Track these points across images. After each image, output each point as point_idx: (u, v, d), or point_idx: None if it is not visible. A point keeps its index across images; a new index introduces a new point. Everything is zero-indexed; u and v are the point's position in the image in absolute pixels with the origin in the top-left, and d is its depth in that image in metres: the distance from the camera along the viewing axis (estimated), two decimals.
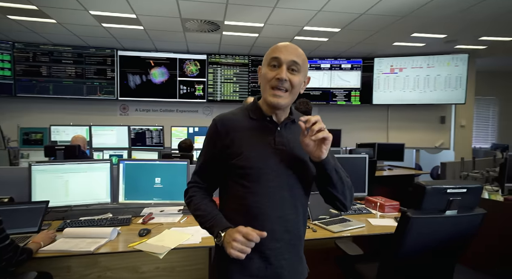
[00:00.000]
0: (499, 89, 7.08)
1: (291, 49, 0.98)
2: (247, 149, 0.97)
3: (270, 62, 0.98)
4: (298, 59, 0.96)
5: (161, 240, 1.63)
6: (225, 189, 1.04)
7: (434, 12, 3.56)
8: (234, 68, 5.54)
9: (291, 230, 0.99)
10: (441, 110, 5.76)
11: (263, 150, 0.98)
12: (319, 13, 3.58)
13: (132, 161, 2.08)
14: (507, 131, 7.25)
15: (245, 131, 1.00)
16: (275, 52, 0.97)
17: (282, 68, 0.95)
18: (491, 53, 5.40)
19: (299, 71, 0.97)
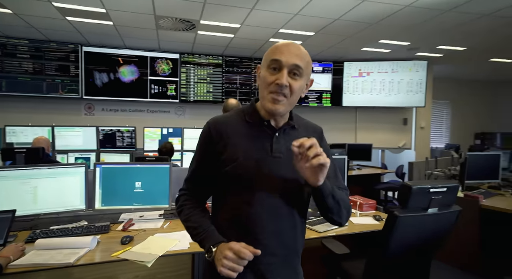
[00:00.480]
0: (452, 94, 7.72)
1: (294, 50, 0.88)
2: (242, 156, 0.90)
3: (270, 64, 0.89)
4: (301, 63, 0.88)
5: (146, 247, 1.56)
6: (218, 198, 0.98)
7: (400, 22, 3.80)
8: (208, 68, 5.45)
9: (287, 244, 0.93)
10: (403, 113, 6.15)
11: (259, 157, 0.91)
12: (296, 17, 3.65)
13: (110, 165, 1.96)
14: (458, 132, 7.94)
15: (240, 136, 0.93)
16: (276, 54, 0.88)
17: (283, 72, 0.86)
18: (447, 61, 5.87)
19: (301, 75, 0.89)
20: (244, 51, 5.31)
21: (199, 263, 1.89)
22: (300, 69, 0.88)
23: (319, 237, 1.78)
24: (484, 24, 3.87)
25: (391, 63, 5.69)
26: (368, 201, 2.36)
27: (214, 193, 1.00)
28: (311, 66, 0.94)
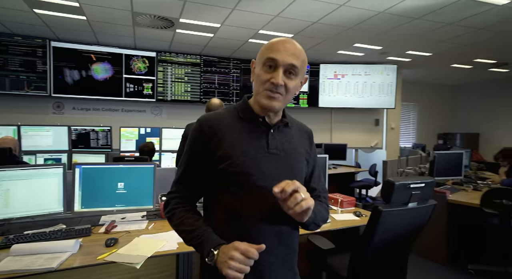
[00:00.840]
0: (418, 96, 8.19)
1: (290, 49, 0.86)
2: (237, 153, 0.87)
3: (266, 62, 0.86)
4: (297, 62, 0.86)
5: (134, 249, 1.52)
6: (212, 198, 0.93)
7: (374, 27, 3.99)
8: (186, 67, 5.38)
9: (286, 242, 0.91)
10: (375, 114, 6.44)
11: (255, 154, 0.88)
12: (276, 18, 3.71)
13: (91, 165, 1.89)
14: (423, 133, 8.44)
15: (234, 133, 0.90)
16: (272, 52, 0.86)
17: (278, 72, 0.84)
18: (414, 66, 6.23)
19: (297, 74, 0.88)
20: (223, 51, 5.29)
21: (183, 264, 1.87)
22: (296, 69, 0.87)
23: (305, 233, 1.83)
24: (448, 32, 4.16)
25: (364, 66, 5.95)
26: (348, 198, 2.46)
27: (207, 193, 0.96)
28: (306, 64, 0.93)
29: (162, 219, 2.03)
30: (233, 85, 5.66)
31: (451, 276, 2.79)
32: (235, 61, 5.65)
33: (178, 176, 0.97)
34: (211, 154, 0.89)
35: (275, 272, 0.89)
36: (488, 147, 7.83)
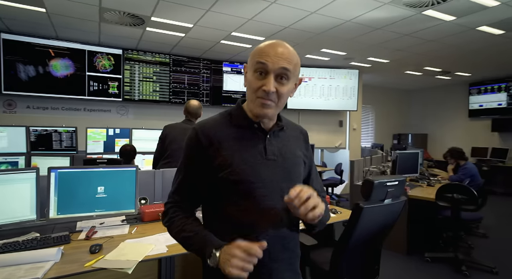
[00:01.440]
0: (375, 99, 8.80)
1: (280, 52, 0.83)
2: (237, 161, 0.86)
3: (256, 67, 0.84)
4: (289, 65, 0.83)
5: (121, 254, 1.49)
6: (212, 207, 0.92)
7: (340, 34, 4.24)
8: (154, 66, 5.22)
9: (289, 247, 0.92)
10: (339, 116, 6.81)
11: (254, 161, 0.87)
12: (250, 21, 3.78)
13: (68, 169, 1.79)
14: (380, 134, 9.09)
15: (231, 140, 0.88)
16: (262, 56, 0.83)
17: (270, 78, 0.82)
18: (373, 71, 6.70)
19: (289, 78, 0.85)
20: (193, 51, 5.23)
21: (166, 268, 1.86)
22: (288, 72, 0.84)
23: None
24: (404, 42, 4.56)
25: (330, 70, 6.26)
26: None
27: (206, 203, 0.94)
28: (299, 66, 0.90)
29: (143, 222, 2.00)
30: (203, 85, 5.62)
31: (411, 265, 3.08)
32: (205, 62, 5.61)
33: (175, 186, 0.95)
34: (209, 162, 0.88)
35: (281, 276, 0.90)
36: (435, 146, 8.67)
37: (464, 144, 7.00)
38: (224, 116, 0.94)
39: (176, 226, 0.90)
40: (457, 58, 5.50)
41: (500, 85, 7.25)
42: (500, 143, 7.42)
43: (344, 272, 1.68)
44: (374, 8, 3.33)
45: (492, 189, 6.41)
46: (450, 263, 3.04)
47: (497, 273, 2.86)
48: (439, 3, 3.19)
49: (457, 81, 7.88)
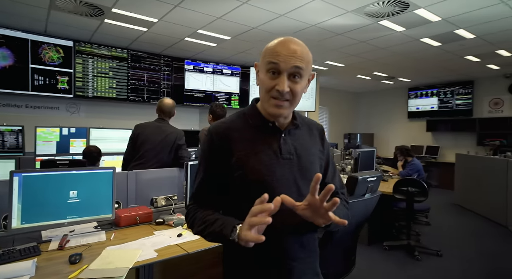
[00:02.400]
0: (330, 101, 9.34)
1: (293, 50, 0.83)
2: (251, 160, 0.86)
3: (268, 67, 0.84)
4: (302, 63, 0.83)
5: (108, 262, 1.38)
6: (231, 206, 0.91)
7: (304, 37, 4.40)
8: (110, 61, 4.87)
9: (306, 246, 0.91)
10: None
11: (269, 160, 0.87)
12: (218, 20, 3.75)
13: (35, 172, 1.60)
14: (334, 133, 9.66)
15: (246, 140, 0.89)
16: (274, 56, 0.83)
17: (283, 78, 0.82)
18: (329, 74, 7.10)
19: (302, 76, 0.84)
20: (153, 47, 5.00)
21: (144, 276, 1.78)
22: (301, 71, 0.83)
23: None
24: (359, 48, 4.93)
25: None
26: None
27: (226, 203, 0.92)
28: (311, 62, 0.89)
29: (120, 228, 1.87)
30: (164, 83, 5.40)
31: (372, 253, 3.35)
32: (166, 59, 5.40)
33: (195, 188, 0.95)
34: (225, 163, 0.88)
35: (298, 275, 0.89)
36: (381, 145, 9.49)
37: (405, 142, 7.76)
38: (239, 116, 0.95)
39: (199, 218, 0.89)
40: (401, 65, 6.10)
41: (432, 90, 8.21)
42: (433, 141, 8.41)
43: (329, 264, 1.78)
44: (338, 15, 3.55)
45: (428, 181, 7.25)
46: (404, 249, 3.38)
47: (441, 255, 3.27)
48: (393, 15, 3.52)
49: (399, 86, 8.74)
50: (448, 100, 7.85)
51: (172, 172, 2.49)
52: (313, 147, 0.99)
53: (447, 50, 4.99)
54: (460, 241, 3.77)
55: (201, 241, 1.72)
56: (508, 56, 5.37)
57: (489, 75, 6.99)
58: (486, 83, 7.25)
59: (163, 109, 2.64)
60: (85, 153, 2.79)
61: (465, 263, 3.13)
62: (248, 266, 0.90)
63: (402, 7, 3.32)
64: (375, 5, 3.28)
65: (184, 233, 1.80)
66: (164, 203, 2.26)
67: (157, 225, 1.95)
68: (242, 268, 0.92)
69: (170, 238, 1.73)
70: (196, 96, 5.72)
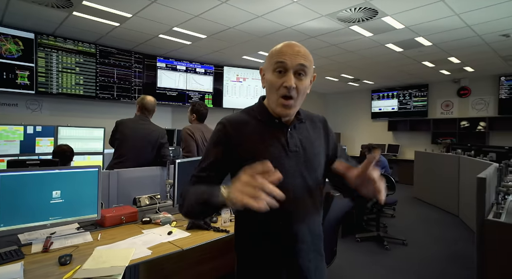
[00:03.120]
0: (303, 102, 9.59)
1: (297, 50, 0.91)
2: (259, 153, 0.91)
3: (275, 67, 0.90)
4: (306, 62, 0.90)
5: (101, 261, 1.35)
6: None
7: (279, 39, 4.53)
8: (77, 56, 4.60)
9: (314, 231, 0.99)
10: None
11: (278, 153, 0.93)
12: (195, 18, 3.72)
13: (14, 172, 1.50)
14: None
15: (255, 134, 0.94)
16: (280, 56, 0.90)
17: (289, 75, 0.88)
18: None
19: (306, 74, 0.92)
20: (124, 43, 4.82)
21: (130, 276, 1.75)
22: (306, 68, 0.90)
23: None
24: (330, 51, 5.16)
25: None
26: None
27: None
28: (313, 63, 0.96)
29: (105, 228, 1.82)
30: (135, 81, 5.22)
31: (346, 245, 3.54)
32: (137, 55, 5.23)
33: (197, 170, 0.96)
34: (235, 154, 0.92)
35: (307, 257, 0.97)
36: (347, 144, 9.96)
37: (369, 141, 8.26)
38: (248, 112, 1.01)
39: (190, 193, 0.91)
40: (367, 68, 6.48)
41: (393, 93, 8.81)
42: (393, 140, 9.02)
43: None
44: (313, 18, 3.70)
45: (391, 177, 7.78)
46: (374, 240, 3.62)
47: (407, 244, 3.55)
48: (363, 21, 3.76)
49: (363, 88, 9.25)
50: (406, 102, 8.47)
51: (154, 170, 2.45)
52: (317, 139, 1.04)
53: (407, 55, 5.41)
54: (420, 230, 4.12)
55: (192, 237, 1.74)
56: (457, 63, 5.94)
57: (441, 79, 7.67)
58: (438, 87, 7.94)
59: (147, 107, 2.58)
60: (57, 152, 2.64)
61: (426, 249, 3.44)
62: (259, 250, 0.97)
63: (372, 14, 3.56)
64: (348, 11, 3.48)
65: (174, 230, 1.80)
66: (148, 202, 2.22)
67: (143, 224, 1.92)
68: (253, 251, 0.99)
69: (161, 236, 1.72)
70: (169, 94, 5.61)
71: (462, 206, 4.76)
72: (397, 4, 3.29)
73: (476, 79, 7.31)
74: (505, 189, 2.39)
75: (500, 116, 6.94)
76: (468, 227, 4.22)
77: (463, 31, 4.10)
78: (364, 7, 3.35)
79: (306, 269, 0.96)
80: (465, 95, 7.56)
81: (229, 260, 2.48)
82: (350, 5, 3.30)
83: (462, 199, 4.77)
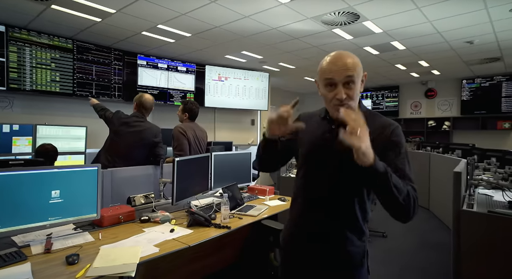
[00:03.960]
0: (277, 100, 9.73)
1: (342, 63, 1.00)
2: (308, 141, 1.14)
3: (325, 83, 1.03)
4: (352, 72, 1.00)
5: (110, 260, 1.35)
6: (297, 171, 1.21)
7: (263, 39, 4.62)
8: (53, 51, 4.38)
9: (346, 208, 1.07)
10: (251, 115, 7.28)
11: (320, 143, 1.10)
12: (182, 16, 3.69)
13: (12, 171, 1.44)
14: None
15: (311, 126, 1.14)
16: (327, 73, 1.02)
17: (339, 89, 1.00)
18: (280, 75, 7.46)
19: (355, 81, 1.02)
20: (103, 39, 4.65)
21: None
22: (353, 78, 1.01)
23: (259, 219, 2.10)
24: (311, 52, 5.31)
25: (244, 72, 6.63)
26: (268, 187, 2.86)
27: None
28: (361, 67, 1.05)
29: (103, 227, 1.79)
30: (115, 78, 5.06)
31: None
32: (117, 52, 5.07)
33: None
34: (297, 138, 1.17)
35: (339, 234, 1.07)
36: None
37: None
38: (320, 110, 1.22)
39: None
40: None
41: (367, 93, 9.21)
42: None
43: None
44: (298, 20, 3.82)
45: None
46: None
47: (386, 236, 3.78)
48: (345, 24, 3.93)
49: None
50: (379, 102, 8.91)
51: (147, 169, 2.42)
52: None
53: (382, 58, 5.71)
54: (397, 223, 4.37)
55: (195, 234, 1.76)
56: (426, 66, 6.36)
57: (411, 81, 8.15)
58: (408, 88, 8.43)
59: (145, 105, 2.55)
60: (41, 151, 2.53)
61: (404, 240, 3.69)
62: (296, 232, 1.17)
63: (353, 18, 3.73)
64: (332, 15, 3.62)
65: (176, 228, 1.81)
66: (144, 201, 2.21)
67: (142, 223, 1.91)
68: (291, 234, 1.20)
69: (163, 233, 1.73)
70: (150, 93, 5.48)
71: (433, 200, 5.12)
72: (378, 10, 3.48)
73: (442, 82, 7.85)
74: (476, 182, 2.64)
75: (462, 116, 7.52)
76: (439, 219, 4.56)
77: (433, 37, 4.42)
78: (347, 11, 3.51)
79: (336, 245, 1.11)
80: (431, 97, 8.10)
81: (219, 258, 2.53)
82: (335, 9, 3.45)
83: (432, 193, 5.13)
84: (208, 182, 2.47)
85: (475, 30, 4.11)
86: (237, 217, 2.09)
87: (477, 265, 2.10)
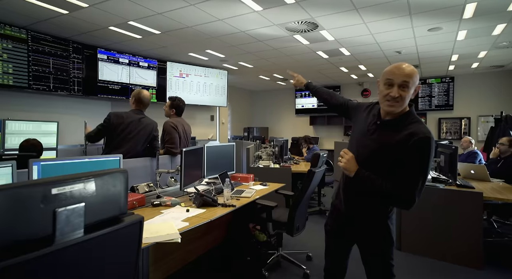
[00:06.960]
0: (233, 98, 10.09)
1: (403, 72, 1.24)
2: (354, 131, 1.49)
3: (385, 81, 1.28)
4: (409, 79, 1.24)
5: (154, 231, 1.59)
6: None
7: (230, 40, 4.93)
8: (4, 41, 4.05)
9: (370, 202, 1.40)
10: (211, 111, 7.51)
11: (360, 134, 1.42)
12: (158, 15, 3.81)
13: (52, 161, 1.56)
14: (235, 127, 10.52)
15: (360, 118, 1.48)
16: (390, 75, 1.27)
17: (395, 88, 1.25)
18: (237, 73, 7.81)
19: (409, 87, 1.25)
20: (62, 31, 4.44)
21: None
22: (408, 83, 1.24)
23: (252, 200, 2.46)
24: (270, 54, 5.80)
25: (205, 69, 6.82)
26: (249, 175, 3.23)
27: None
28: (417, 78, 1.28)
29: None
30: (74, 72, 4.84)
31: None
32: (76, 45, 4.85)
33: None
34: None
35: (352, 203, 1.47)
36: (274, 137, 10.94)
37: (294, 134, 9.36)
38: (371, 103, 1.50)
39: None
40: (296, 70, 7.34)
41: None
42: (314, 133, 10.39)
43: (296, 220, 2.42)
44: (266, 26, 4.23)
45: None
46: (318, 213, 4.42)
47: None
48: (305, 32, 4.48)
49: (289, 87, 10.33)
50: None
51: (145, 161, 2.60)
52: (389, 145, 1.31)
53: (330, 62, 6.48)
54: None
55: (208, 212, 2.07)
56: (364, 70, 7.38)
57: (350, 82, 9.26)
58: (348, 88, 9.55)
59: (143, 101, 2.67)
60: (26, 146, 2.51)
61: None
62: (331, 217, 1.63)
63: (313, 27, 4.29)
64: (295, 23, 4.12)
65: (189, 209, 2.08)
66: (147, 189, 2.40)
67: (154, 207, 2.13)
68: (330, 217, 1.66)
69: (181, 213, 1.99)
70: (111, 88, 5.36)
71: None
72: (333, 22, 4.09)
73: (375, 83, 9.01)
74: None
75: None
76: None
77: (372, 46, 5.26)
78: (309, 21, 4.04)
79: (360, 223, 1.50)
80: (366, 96, 9.32)
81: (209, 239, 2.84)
82: (299, 18, 3.95)
83: None
84: (201, 171, 2.75)
85: (403, 43, 5.05)
86: (234, 199, 2.43)
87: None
